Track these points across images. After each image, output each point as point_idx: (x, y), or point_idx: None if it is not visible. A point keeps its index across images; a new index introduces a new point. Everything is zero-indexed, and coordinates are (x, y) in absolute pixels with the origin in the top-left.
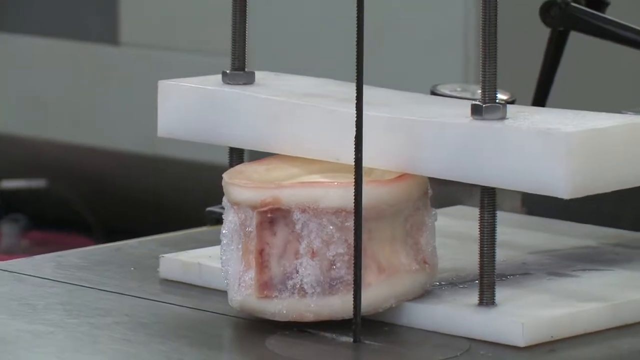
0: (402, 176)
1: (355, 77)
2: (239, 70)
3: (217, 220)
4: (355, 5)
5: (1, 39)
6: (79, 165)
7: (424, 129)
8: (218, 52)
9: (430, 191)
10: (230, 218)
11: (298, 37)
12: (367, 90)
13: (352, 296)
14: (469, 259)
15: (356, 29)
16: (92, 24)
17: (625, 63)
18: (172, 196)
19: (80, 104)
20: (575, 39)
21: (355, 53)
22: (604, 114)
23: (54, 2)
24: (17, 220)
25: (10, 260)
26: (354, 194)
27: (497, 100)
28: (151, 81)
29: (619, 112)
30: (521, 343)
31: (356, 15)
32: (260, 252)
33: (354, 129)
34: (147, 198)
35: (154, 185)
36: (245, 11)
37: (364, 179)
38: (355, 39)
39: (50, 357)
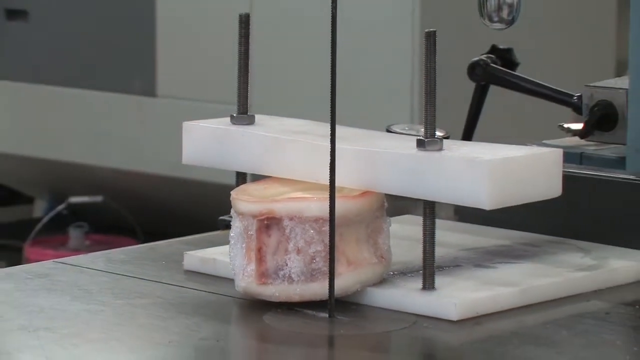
0: (364, 193)
1: (330, 119)
2: (243, 114)
3: (227, 226)
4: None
5: (65, 92)
6: (127, 185)
7: (381, 158)
8: (233, 102)
9: (386, 204)
10: (237, 224)
11: (288, 88)
12: (339, 128)
13: (328, 283)
14: (414, 255)
15: (330, 85)
16: (134, 78)
17: (529, 107)
18: (194, 208)
19: (127, 141)
20: (494, 90)
21: (330, 101)
22: (513, 146)
23: (102, 60)
24: (81, 226)
25: (74, 257)
26: (329, 206)
27: (435, 136)
28: (180, 124)
29: (524, 144)
30: (454, 318)
31: (330, 76)
32: (259, 250)
33: (329, 158)
34: (176, 209)
35: (181, 199)
36: (247, 70)
37: (336, 195)
38: (330, 92)
39: (102, 328)
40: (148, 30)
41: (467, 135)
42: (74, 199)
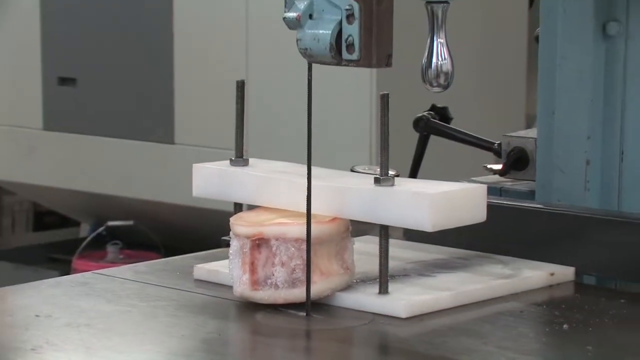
0: (334, 219)
1: (307, 162)
2: (239, 158)
3: (227, 244)
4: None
5: (103, 140)
6: (153, 212)
7: (347, 192)
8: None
9: (350, 227)
10: (234, 243)
11: (277, 136)
12: (314, 169)
13: (306, 289)
14: (372, 266)
15: (307, 135)
16: (156, 129)
17: (461, 152)
18: (202, 230)
19: (152, 178)
20: (433, 139)
21: (307, 148)
22: (449, 182)
23: (131, 116)
24: (116, 244)
25: (108, 269)
26: (306, 229)
27: (389, 175)
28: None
29: (457, 181)
30: (403, 316)
31: (307, 128)
32: (252, 264)
33: (306, 192)
34: (189, 231)
35: (192, 223)
36: (243, 124)
37: (312, 220)
38: (307, 140)
39: (129, 325)
40: (167, 93)
41: (413, 173)
42: (111, 223)
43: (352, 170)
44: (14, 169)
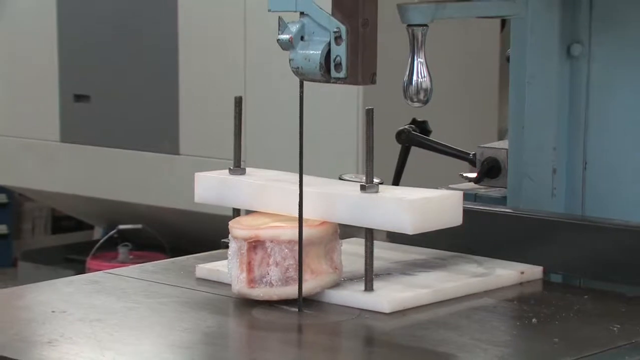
0: (323, 223)
1: (299, 171)
2: (237, 167)
3: (226, 246)
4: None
5: (115, 152)
6: (159, 217)
7: (335, 198)
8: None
9: (338, 230)
10: (233, 245)
11: (269, 146)
12: (305, 177)
13: (298, 286)
14: (359, 266)
15: (299, 145)
16: (163, 141)
17: (439, 162)
18: (204, 232)
19: (159, 186)
20: (414, 150)
21: (299, 157)
22: (428, 189)
23: (140, 129)
24: (127, 246)
25: (117, 269)
26: (298, 232)
27: (373, 183)
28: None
29: (436, 188)
30: (387, 311)
31: (299, 139)
32: (248, 263)
33: (298, 198)
34: (192, 233)
35: (195, 226)
36: (240, 137)
37: (303, 224)
38: (298, 150)
39: (137, 319)
40: (173, 109)
41: (396, 181)
42: (122, 227)
43: (340, 179)
44: (33, 177)
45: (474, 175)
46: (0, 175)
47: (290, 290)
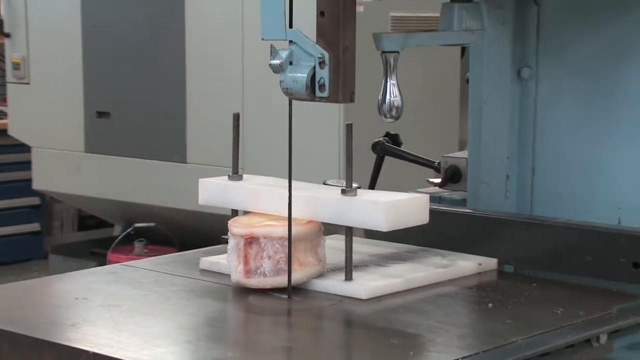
0: (309, 222)
1: (288, 177)
2: (235, 174)
3: (226, 242)
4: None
5: (131, 161)
6: (170, 216)
7: (320, 200)
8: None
9: (322, 228)
10: (232, 241)
11: (264, 156)
12: (294, 182)
13: (287, 277)
14: (340, 259)
15: (288, 155)
16: (172, 151)
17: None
18: (208, 230)
19: (169, 190)
20: (387, 159)
21: (288, 165)
22: (400, 193)
23: (151, 141)
24: (142, 241)
25: (132, 261)
26: (288, 229)
27: (353, 187)
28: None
29: (406, 192)
30: (364, 297)
31: (288, 149)
32: (245, 257)
33: (288, 200)
34: (197, 230)
35: (200, 224)
36: (238, 147)
37: (292, 223)
38: (288, 158)
39: (149, 306)
40: (181, 125)
41: (372, 186)
42: (138, 225)
43: (324, 183)
44: (62, 183)
45: (438, 180)
46: (35, 181)
47: (281, 280)
